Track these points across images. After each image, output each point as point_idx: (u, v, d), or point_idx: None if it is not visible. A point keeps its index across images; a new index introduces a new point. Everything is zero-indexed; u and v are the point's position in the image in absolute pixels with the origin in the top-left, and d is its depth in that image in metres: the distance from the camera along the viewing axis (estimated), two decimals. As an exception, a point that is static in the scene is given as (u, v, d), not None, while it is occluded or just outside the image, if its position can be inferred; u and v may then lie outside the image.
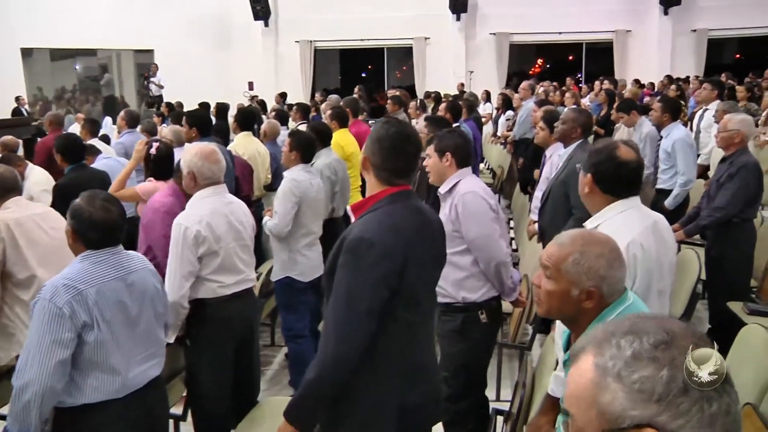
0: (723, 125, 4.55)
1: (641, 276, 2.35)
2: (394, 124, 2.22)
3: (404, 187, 2.20)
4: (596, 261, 1.73)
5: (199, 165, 3.19)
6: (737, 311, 4.19)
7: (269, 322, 5.16)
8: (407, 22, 17.85)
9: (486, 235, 3.10)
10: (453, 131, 3.35)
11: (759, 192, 4.58)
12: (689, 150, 5.49)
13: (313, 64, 19.01)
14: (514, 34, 17.89)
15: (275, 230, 4.14)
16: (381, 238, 2.04)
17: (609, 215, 2.42)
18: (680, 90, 10.66)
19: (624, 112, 6.56)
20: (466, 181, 3.19)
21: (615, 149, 2.46)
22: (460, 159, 3.20)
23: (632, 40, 17.47)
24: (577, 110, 4.75)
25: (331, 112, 6.44)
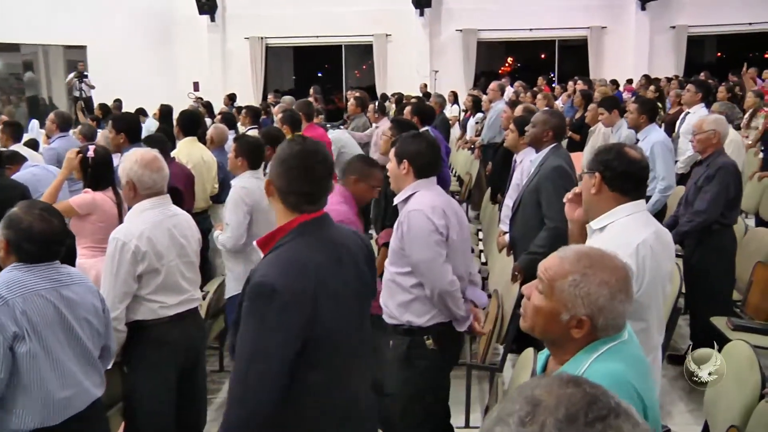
0: (698, 127, 4.71)
1: (649, 281, 2.40)
2: (299, 141, 2.17)
3: (316, 214, 2.15)
4: (598, 288, 1.67)
5: (140, 174, 3.16)
6: (721, 327, 4.30)
7: (217, 345, 5.11)
8: (367, 17, 17.96)
9: (428, 260, 3.05)
10: (418, 135, 3.30)
11: (738, 194, 4.73)
12: (668, 154, 5.64)
13: (265, 62, 18.96)
14: (482, 31, 18.14)
15: (229, 244, 4.12)
16: (285, 282, 1.97)
17: (617, 216, 2.47)
18: (659, 91, 10.93)
19: (606, 109, 6.68)
20: (419, 196, 3.13)
21: (623, 147, 2.54)
22: (419, 168, 3.15)
23: (608, 37, 17.88)
24: (548, 112, 4.84)
25: (282, 115, 6.45)
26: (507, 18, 17.54)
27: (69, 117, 7.40)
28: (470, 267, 3.40)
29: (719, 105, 7.32)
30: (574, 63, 18.68)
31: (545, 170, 4.22)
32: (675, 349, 5.06)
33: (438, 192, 3.22)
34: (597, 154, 2.56)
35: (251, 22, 18.40)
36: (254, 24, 18.40)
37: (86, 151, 4.26)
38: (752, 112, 8.55)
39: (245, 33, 18.62)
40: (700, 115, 6.88)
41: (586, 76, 15.76)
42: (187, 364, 3.30)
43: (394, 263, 3.18)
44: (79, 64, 15.84)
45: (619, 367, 1.65)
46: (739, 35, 17.72)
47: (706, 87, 8.17)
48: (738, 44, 18.83)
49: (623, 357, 1.69)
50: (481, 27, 18.04)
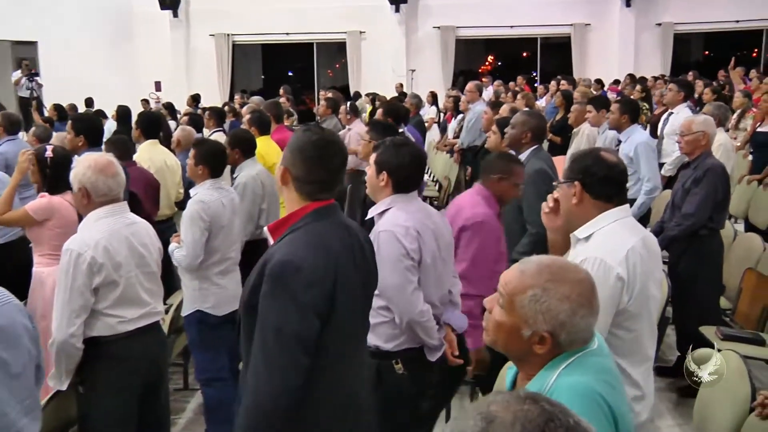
0: (686, 128, 4.77)
1: (640, 289, 2.41)
2: (317, 131, 2.26)
3: (329, 201, 2.24)
4: (558, 304, 1.68)
5: (93, 180, 3.12)
6: (710, 336, 4.35)
7: (181, 362, 5.07)
8: (340, 13, 18.00)
9: (396, 286, 2.99)
10: (403, 145, 3.19)
11: (727, 198, 4.81)
12: (652, 154, 5.75)
13: (231, 61, 18.91)
14: (460, 28, 18.26)
15: (185, 263, 4.05)
16: (308, 260, 2.06)
17: (602, 224, 2.47)
18: (645, 91, 11.06)
19: (595, 108, 6.75)
20: (393, 213, 3.06)
21: (599, 152, 2.55)
22: (398, 182, 3.08)
23: (592, 34, 18.09)
24: (527, 113, 4.88)
25: (250, 116, 6.42)
26: (487, 14, 17.68)
27: (17, 118, 7.26)
28: (451, 286, 3.34)
29: (711, 106, 7.43)
30: (557, 62, 18.87)
31: (525, 174, 4.24)
32: (663, 360, 5.12)
33: (415, 208, 3.13)
34: (573, 162, 2.56)
35: (217, 18, 18.35)
36: (220, 20, 18.35)
37: (44, 152, 4.20)
38: (740, 113, 8.70)
39: (210, 29, 18.56)
40: (684, 116, 6.99)
41: (569, 75, 15.93)
42: (149, 382, 3.26)
43: None
44: (24, 62, 15.52)
45: (585, 379, 1.67)
46: (726, 33, 18.02)
47: (688, 86, 8.30)
48: (725, 43, 19.14)
49: (590, 368, 1.71)
50: (460, 24, 18.16)
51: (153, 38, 18.36)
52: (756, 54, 18.74)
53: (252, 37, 19.04)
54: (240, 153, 5.08)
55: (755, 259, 5.10)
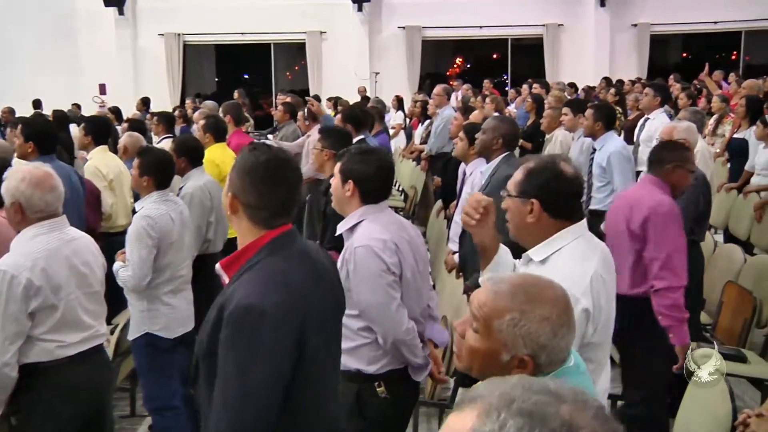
0: (668, 135, 4.83)
1: (605, 319, 2.41)
2: (264, 149, 2.20)
3: (286, 227, 2.19)
4: (539, 326, 1.70)
5: (28, 194, 3.05)
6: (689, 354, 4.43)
7: (128, 387, 5.00)
8: (299, 12, 18.00)
9: (379, 304, 2.98)
10: (369, 153, 3.19)
11: (708, 209, 4.90)
12: (627, 164, 5.80)
13: (183, 62, 18.79)
14: (427, 29, 18.37)
15: (130, 284, 3.99)
16: (272, 302, 2.02)
17: (560, 244, 2.44)
18: (619, 95, 11.24)
19: (572, 111, 6.82)
20: (367, 226, 3.04)
21: (558, 165, 2.47)
22: (367, 192, 3.07)
23: (565, 35, 18.33)
24: (498, 118, 4.93)
25: (204, 122, 6.38)
26: (455, 14, 17.79)
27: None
28: (429, 300, 3.35)
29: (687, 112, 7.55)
30: (528, 64, 19.09)
31: (497, 181, 4.27)
32: (641, 379, 5.17)
33: (389, 220, 3.14)
34: (530, 175, 2.47)
35: (166, 17, 18.21)
36: (170, 18, 18.21)
37: None
38: (718, 119, 8.87)
39: (159, 29, 18.41)
40: (661, 121, 7.12)
41: (542, 78, 16.12)
42: (91, 410, 3.22)
43: None
44: None
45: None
46: (704, 35, 18.40)
47: (665, 90, 8.44)
48: (704, 44, 19.56)
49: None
50: (427, 24, 18.27)
51: (97, 38, 18.13)
52: (735, 56, 19.16)
53: (204, 37, 18.93)
54: (187, 162, 5.03)
55: (736, 271, 5.20)
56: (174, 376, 4.17)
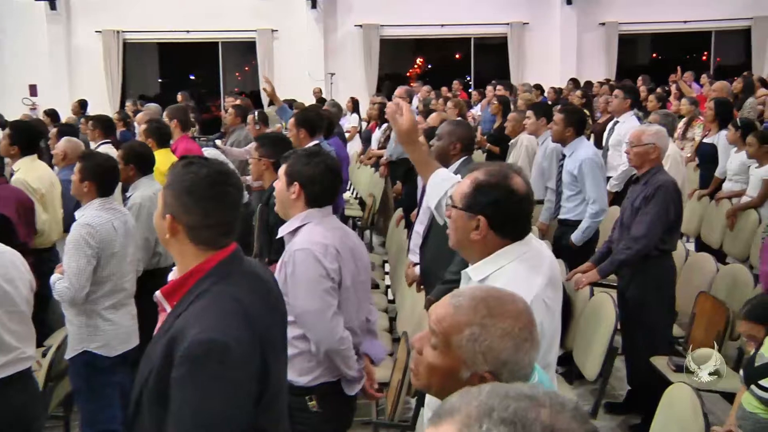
0: (636, 138, 4.92)
1: (548, 344, 2.42)
2: (201, 162, 2.16)
3: (231, 247, 2.16)
4: (500, 341, 1.70)
5: None
6: (662, 368, 4.51)
7: (62, 414, 4.91)
8: (248, 9, 17.95)
9: (315, 311, 3.04)
10: (316, 154, 3.25)
11: (679, 217, 4.99)
12: (599, 172, 5.87)
13: (123, 62, 18.57)
14: (385, 27, 18.44)
15: (67, 296, 3.95)
16: (233, 334, 1.97)
17: (501, 263, 2.43)
18: (586, 97, 11.39)
19: (534, 114, 6.88)
20: (309, 230, 3.12)
21: (509, 180, 2.43)
22: (313, 195, 3.15)
23: (530, 34, 18.55)
24: (453, 122, 4.97)
25: (146, 126, 6.31)
26: (414, 12, 17.90)
27: None
28: (368, 314, 3.41)
29: (657, 115, 7.68)
30: (492, 64, 19.24)
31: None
32: (613, 396, 5.25)
33: (332, 225, 3.22)
34: (479, 189, 2.42)
35: (104, 12, 17.97)
36: (108, 14, 17.98)
37: None
38: (688, 122, 9.05)
39: (97, 25, 18.16)
40: (631, 125, 7.23)
41: (506, 79, 16.28)
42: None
43: None
44: None
45: None
46: (674, 34, 18.77)
47: (635, 92, 8.58)
48: (674, 44, 19.95)
49: None
50: (385, 22, 18.33)
51: (26, 34, 17.81)
52: (706, 57, 19.58)
53: (146, 35, 18.73)
54: (135, 169, 4.99)
55: (708, 281, 5.30)
56: (114, 398, 4.11)
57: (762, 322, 3.37)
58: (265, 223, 4.27)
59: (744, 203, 6.80)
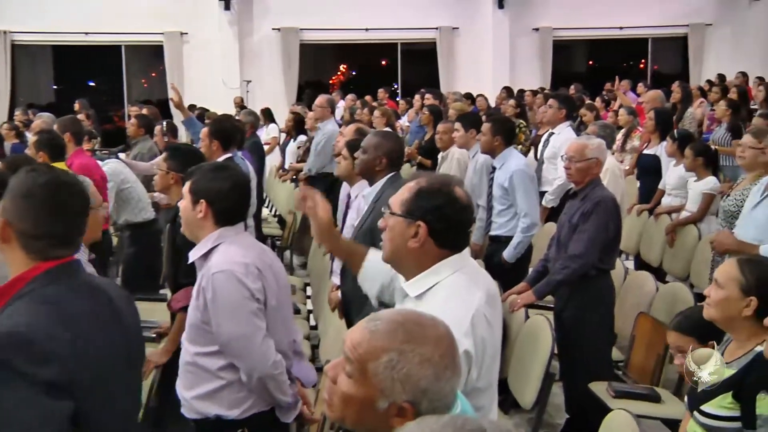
0: (578, 153, 4.96)
1: (489, 361, 2.47)
2: (44, 169, 2.20)
3: (66, 259, 2.18)
4: (419, 368, 1.71)
5: None
6: (601, 394, 4.58)
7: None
8: (155, 10, 17.73)
9: (243, 336, 3.03)
10: (224, 169, 3.27)
11: (618, 234, 5.08)
12: (530, 184, 5.97)
13: (12, 66, 18.12)
14: (305, 31, 18.43)
15: None
16: (40, 329, 1.99)
17: (439, 277, 2.48)
18: (521, 107, 11.56)
19: (463, 127, 6.92)
20: (224, 250, 3.11)
21: (453, 188, 2.51)
22: (221, 213, 3.15)
23: (460, 40, 18.80)
24: (380, 134, 4.95)
25: (37, 138, 6.17)
26: (337, 15, 17.95)
27: None
28: (294, 334, 3.42)
29: (595, 126, 7.83)
30: (421, 71, 19.43)
31: (381, 207, 4.30)
32: (550, 425, 5.31)
33: (248, 243, 3.23)
34: (420, 195, 2.48)
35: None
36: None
37: None
38: (626, 133, 9.26)
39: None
40: (567, 136, 7.36)
41: (436, 87, 16.43)
42: None
43: (194, 341, 3.13)
44: None
45: None
46: (610, 41, 19.30)
47: (570, 102, 8.72)
48: (611, 51, 20.49)
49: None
50: (305, 26, 18.33)
51: None
52: (643, 65, 20.17)
53: (39, 36, 18.27)
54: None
55: (648, 301, 5.40)
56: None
57: (691, 334, 3.47)
58: (172, 244, 4.20)
59: (683, 218, 6.94)
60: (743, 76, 15.03)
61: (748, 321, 3.04)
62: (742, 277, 3.07)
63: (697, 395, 3.08)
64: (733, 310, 3.08)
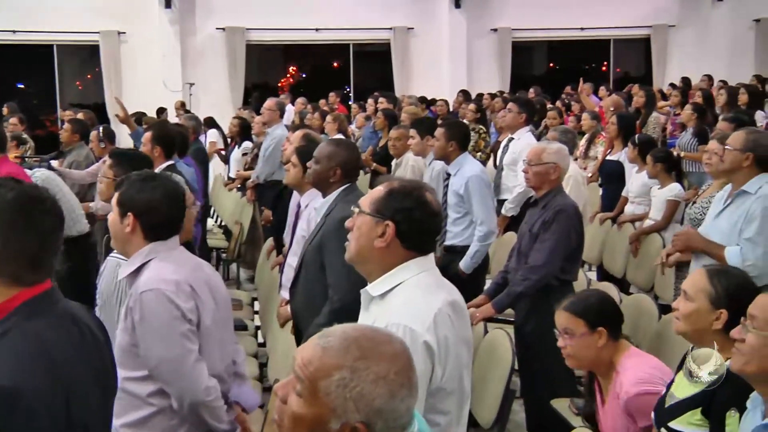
0: (536, 157, 5.02)
1: (453, 361, 2.52)
2: (10, 184, 2.12)
3: (43, 286, 2.13)
4: (373, 387, 1.72)
5: None
6: (563, 411, 4.61)
7: None
8: (90, 7, 17.57)
9: (171, 359, 3.00)
10: (154, 179, 3.23)
11: (580, 244, 5.13)
12: (486, 191, 6.00)
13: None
14: (252, 31, 18.41)
15: None
16: (30, 382, 1.93)
17: (403, 276, 2.60)
18: (481, 111, 11.65)
19: (418, 133, 6.92)
20: (155, 267, 3.08)
21: (423, 192, 2.65)
22: (152, 227, 3.11)
23: (416, 40, 18.90)
24: (334, 142, 4.92)
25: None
26: (286, 15, 17.92)
27: None
28: (234, 355, 3.39)
29: (556, 131, 7.89)
30: (374, 74, 19.48)
31: (332, 222, 4.26)
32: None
33: (182, 258, 3.19)
34: (392, 195, 2.64)
35: None
36: None
37: None
38: (590, 139, 9.37)
39: None
40: (527, 142, 7.41)
41: (390, 90, 16.48)
42: None
43: (123, 365, 3.08)
44: None
45: None
46: (572, 42, 19.55)
47: (530, 106, 8.79)
48: (572, 53, 20.74)
49: None
50: (252, 25, 18.31)
51: None
52: (606, 67, 20.44)
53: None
54: None
55: (611, 314, 5.46)
56: None
57: (582, 317, 3.55)
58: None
59: (647, 227, 6.99)
60: (709, 79, 15.30)
61: (718, 334, 3.05)
62: (711, 288, 3.10)
63: (665, 411, 3.12)
64: (703, 323, 3.11)
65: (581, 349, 3.57)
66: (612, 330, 3.57)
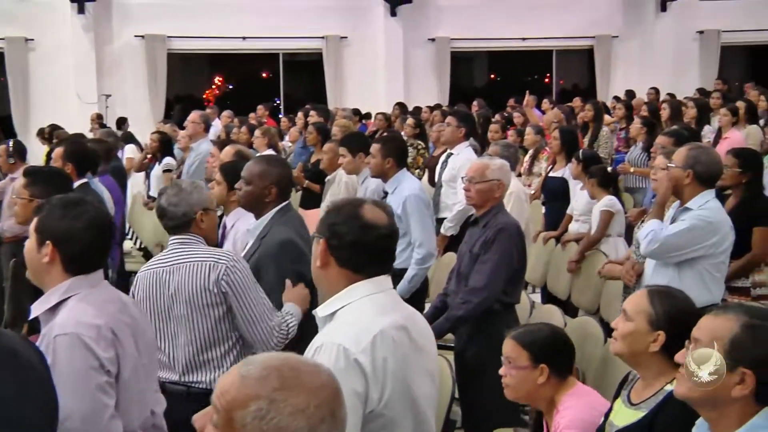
0: (479, 174, 5.02)
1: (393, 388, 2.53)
2: None
3: None
4: (291, 419, 1.72)
5: None
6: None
7: None
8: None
9: (83, 414, 2.83)
10: (78, 204, 3.07)
11: (523, 265, 5.15)
12: (425, 210, 6.01)
13: None
14: (174, 39, 18.28)
15: None
16: None
17: (351, 298, 2.65)
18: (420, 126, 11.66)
19: (349, 151, 6.87)
20: (73, 307, 2.93)
21: (359, 206, 2.70)
22: (71, 258, 2.97)
23: (349, 50, 18.96)
24: (265, 160, 4.84)
25: None
26: (210, 22, 17.89)
27: None
28: (153, 405, 3.27)
29: (497, 146, 7.93)
30: (305, 85, 19.48)
31: (267, 246, 4.25)
32: (452, 478, 5.34)
33: (104, 297, 3.06)
34: (327, 213, 2.75)
35: None
36: None
37: None
38: (534, 154, 9.46)
39: None
40: (467, 157, 7.45)
41: (322, 102, 16.47)
42: None
43: None
44: None
45: None
46: (513, 53, 19.78)
47: (470, 120, 8.85)
48: (514, 64, 20.98)
49: None
50: (173, 33, 18.19)
51: None
52: (549, 79, 20.73)
53: None
54: None
55: (555, 338, 5.50)
56: None
57: (527, 348, 3.58)
58: (22, 284, 4.04)
59: (583, 243, 7.05)
60: (655, 92, 15.58)
61: (656, 357, 3.10)
62: (651, 309, 3.14)
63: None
64: (640, 345, 3.14)
65: (520, 381, 3.58)
66: (557, 368, 3.57)
